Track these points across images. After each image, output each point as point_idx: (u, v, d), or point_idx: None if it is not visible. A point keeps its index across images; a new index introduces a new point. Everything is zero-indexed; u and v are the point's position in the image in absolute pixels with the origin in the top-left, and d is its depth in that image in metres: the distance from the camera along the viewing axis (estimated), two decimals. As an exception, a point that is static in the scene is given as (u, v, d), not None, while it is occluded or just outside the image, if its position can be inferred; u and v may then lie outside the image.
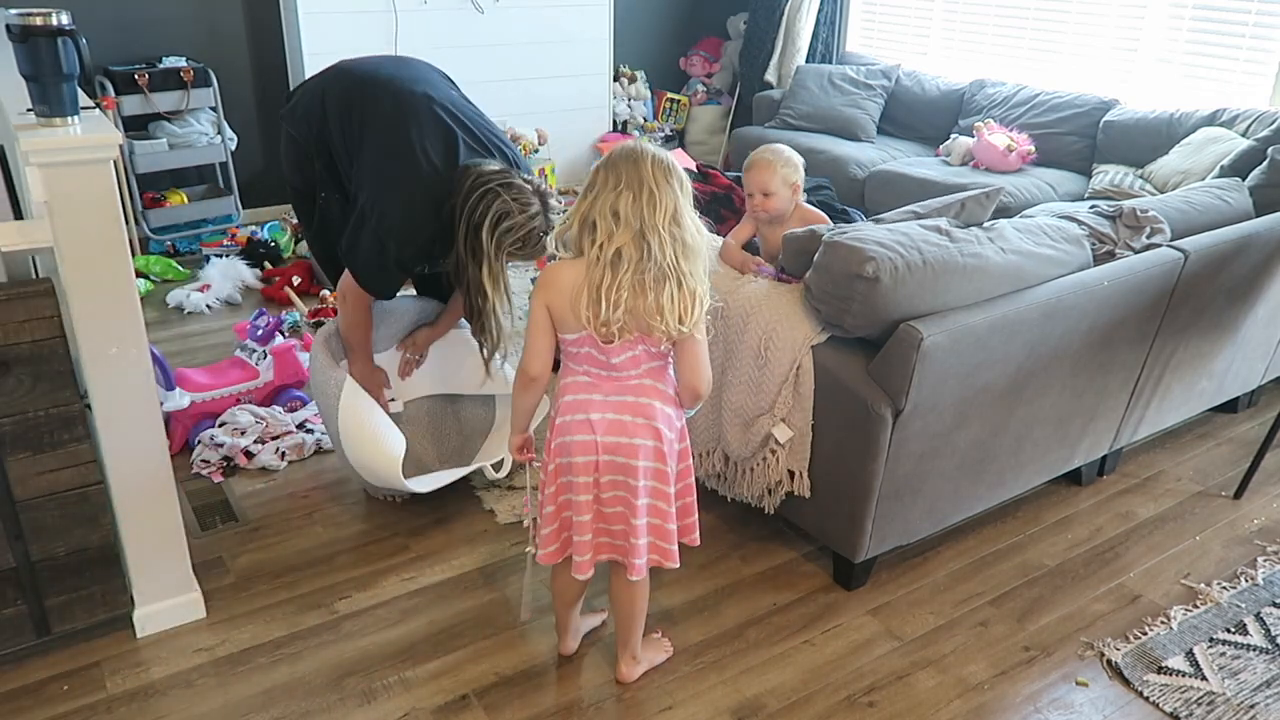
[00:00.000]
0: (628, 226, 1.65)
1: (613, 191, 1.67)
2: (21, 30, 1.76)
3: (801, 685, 2.08)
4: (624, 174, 1.67)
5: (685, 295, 1.69)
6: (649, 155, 1.69)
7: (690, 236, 1.70)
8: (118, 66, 4.14)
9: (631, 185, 1.66)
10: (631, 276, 1.66)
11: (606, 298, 1.66)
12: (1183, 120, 3.90)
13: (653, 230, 1.65)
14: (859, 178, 4.47)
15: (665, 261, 1.66)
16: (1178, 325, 2.57)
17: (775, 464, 2.29)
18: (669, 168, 1.70)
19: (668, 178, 1.69)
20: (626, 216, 1.65)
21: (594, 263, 1.67)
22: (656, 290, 1.68)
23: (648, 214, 1.65)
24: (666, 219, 1.67)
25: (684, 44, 6.00)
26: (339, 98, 2.41)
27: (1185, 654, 2.17)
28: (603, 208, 1.66)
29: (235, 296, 3.96)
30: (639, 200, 1.65)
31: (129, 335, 1.91)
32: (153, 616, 2.15)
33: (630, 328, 1.71)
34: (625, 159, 1.69)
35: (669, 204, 1.67)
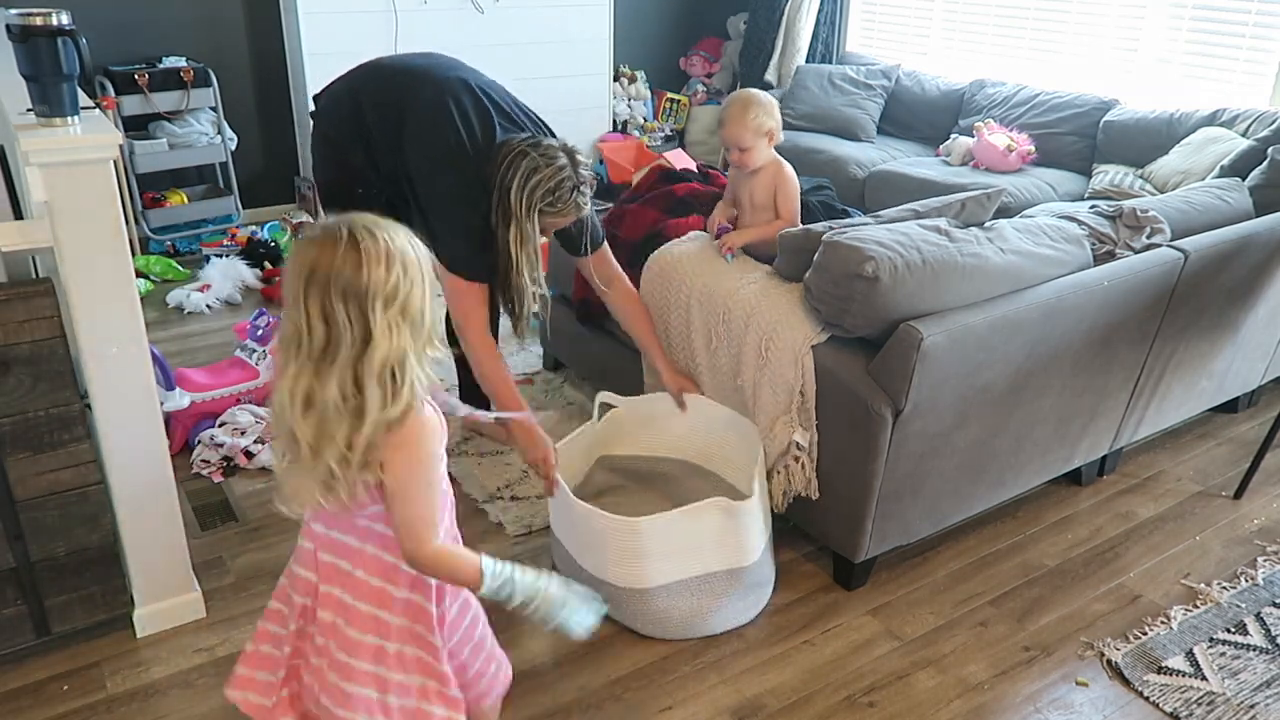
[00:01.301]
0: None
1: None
2: (21, 30, 1.76)
3: (801, 685, 2.08)
4: (287, 279, 1.31)
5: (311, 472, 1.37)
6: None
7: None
8: (118, 66, 4.14)
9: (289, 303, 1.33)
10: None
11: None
12: (1183, 120, 3.90)
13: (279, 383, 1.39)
14: (859, 178, 4.47)
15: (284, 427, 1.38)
16: (1178, 325, 2.57)
17: (799, 471, 2.27)
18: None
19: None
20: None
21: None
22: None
23: (289, 355, 1.37)
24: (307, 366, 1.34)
25: (684, 44, 6.00)
26: (375, 92, 2.40)
27: (1185, 654, 2.17)
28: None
29: (235, 296, 3.96)
30: (284, 334, 1.38)
31: (129, 335, 1.91)
32: (153, 616, 2.15)
33: None
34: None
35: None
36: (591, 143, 5.41)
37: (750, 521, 2.14)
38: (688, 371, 2.55)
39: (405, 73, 2.41)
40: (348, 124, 2.41)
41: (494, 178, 2.20)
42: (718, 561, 2.12)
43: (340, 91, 2.48)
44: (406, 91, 2.35)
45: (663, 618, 2.13)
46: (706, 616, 2.15)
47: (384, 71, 2.46)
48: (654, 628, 2.15)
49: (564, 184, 2.18)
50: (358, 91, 2.43)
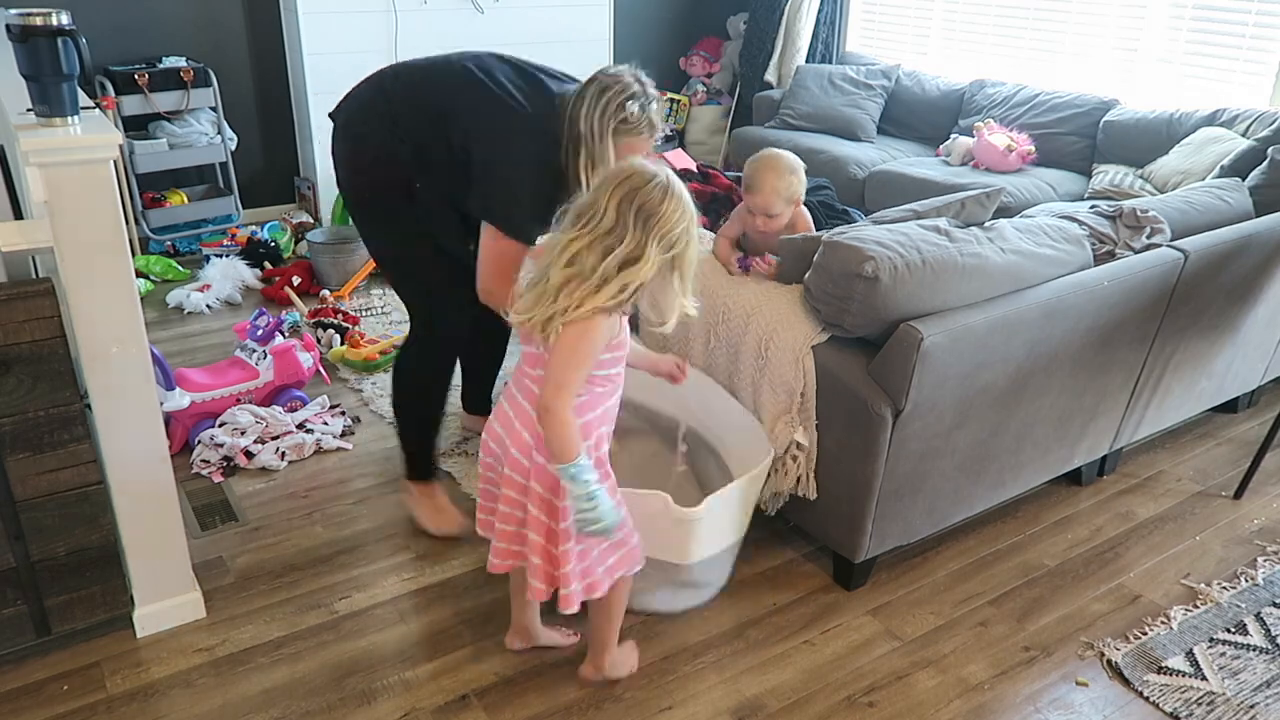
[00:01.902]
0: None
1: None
2: (21, 30, 1.76)
3: (801, 685, 2.08)
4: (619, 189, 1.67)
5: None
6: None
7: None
8: (118, 66, 4.14)
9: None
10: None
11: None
12: (1183, 120, 3.90)
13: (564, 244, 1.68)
14: (859, 178, 4.47)
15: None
16: (1178, 325, 2.57)
17: (795, 468, 2.27)
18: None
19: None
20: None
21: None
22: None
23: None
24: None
25: (684, 44, 6.00)
26: (405, 88, 2.30)
27: (1185, 654, 2.17)
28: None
29: (235, 296, 3.96)
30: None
31: (129, 335, 1.91)
32: (153, 616, 2.15)
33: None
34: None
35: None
36: (591, 143, 5.40)
37: (695, 529, 2.06)
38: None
39: (438, 62, 2.33)
40: (381, 121, 2.28)
41: (563, 121, 2.16)
42: (656, 549, 2.04)
43: (365, 95, 2.35)
44: (444, 75, 2.28)
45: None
46: (635, 594, 2.08)
47: (408, 66, 2.36)
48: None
49: (634, 97, 2.13)
50: (386, 90, 2.31)
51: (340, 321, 3.63)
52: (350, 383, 3.31)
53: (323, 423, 3.01)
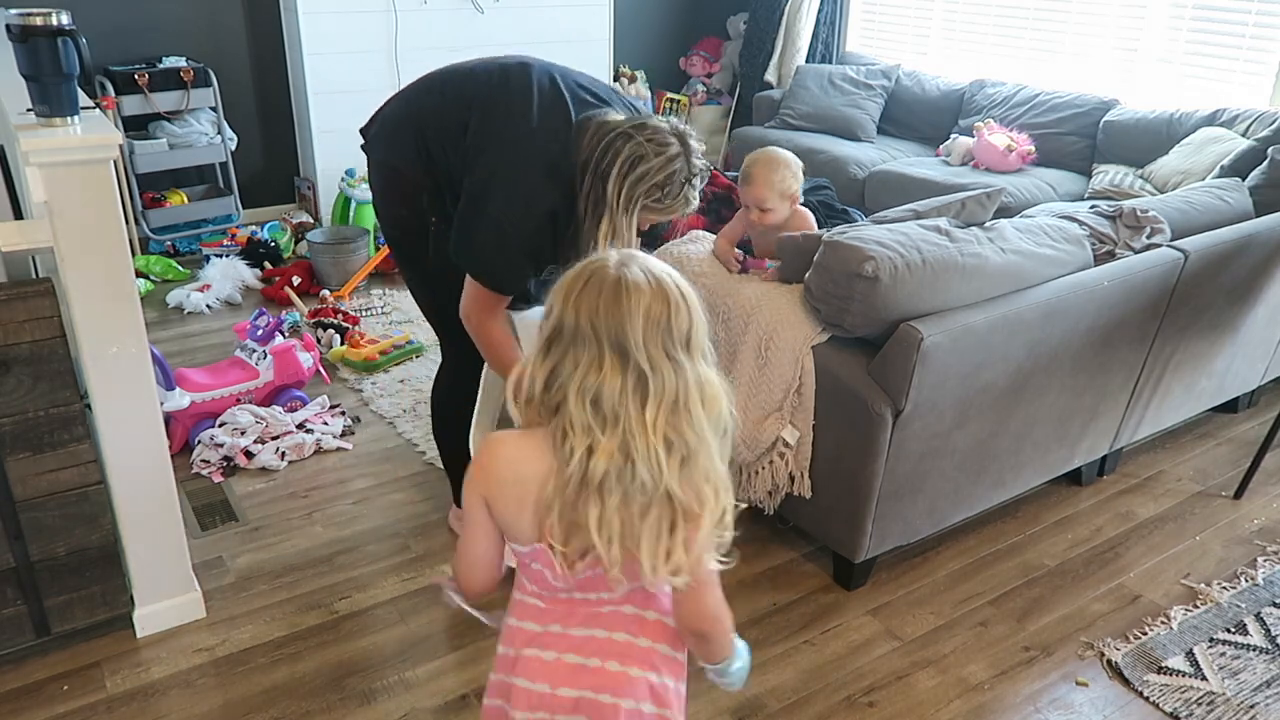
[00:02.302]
0: (614, 425, 1.13)
1: (591, 358, 1.13)
2: (21, 30, 1.76)
3: (801, 685, 2.08)
4: (603, 329, 1.12)
5: (678, 529, 1.16)
6: (643, 292, 1.13)
7: (701, 425, 1.16)
8: (118, 66, 4.14)
9: (616, 351, 1.12)
10: (622, 503, 1.14)
11: (599, 533, 1.14)
12: (1183, 120, 3.90)
13: (640, 430, 1.12)
14: (859, 178, 4.47)
15: (655, 482, 1.13)
16: (1178, 325, 2.57)
17: (783, 466, 2.28)
18: (678, 303, 1.15)
19: (674, 330, 1.14)
20: (613, 407, 1.12)
21: (564, 466, 1.14)
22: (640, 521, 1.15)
23: (634, 408, 1.13)
24: (664, 410, 1.13)
25: (684, 44, 6.00)
26: (431, 104, 2.11)
27: (1185, 654, 2.17)
28: (579, 381, 1.13)
29: (235, 296, 3.96)
30: (624, 385, 1.12)
31: (129, 335, 1.91)
32: (153, 616, 2.15)
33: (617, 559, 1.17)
34: (602, 295, 1.13)
35: (675, 385, 1.14)
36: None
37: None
38: None
39: (462, 71, 2.14)
40: (406, 148, 2.10)
41: (583, 163, 1.90)
42: None
43: (394, 113, 2.19)
44: (469, 85, 2.07)
45: None
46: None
47: (436, 79, 2.16)
48: None
49: (674, 177, 1.88)
50: (412, 107, 2.14)
51: (340, 321, 3.63)
52: (350, 383, 3.31)
53: (323, 423, 3.01)
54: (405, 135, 2.10)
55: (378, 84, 4.36)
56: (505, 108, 1.99)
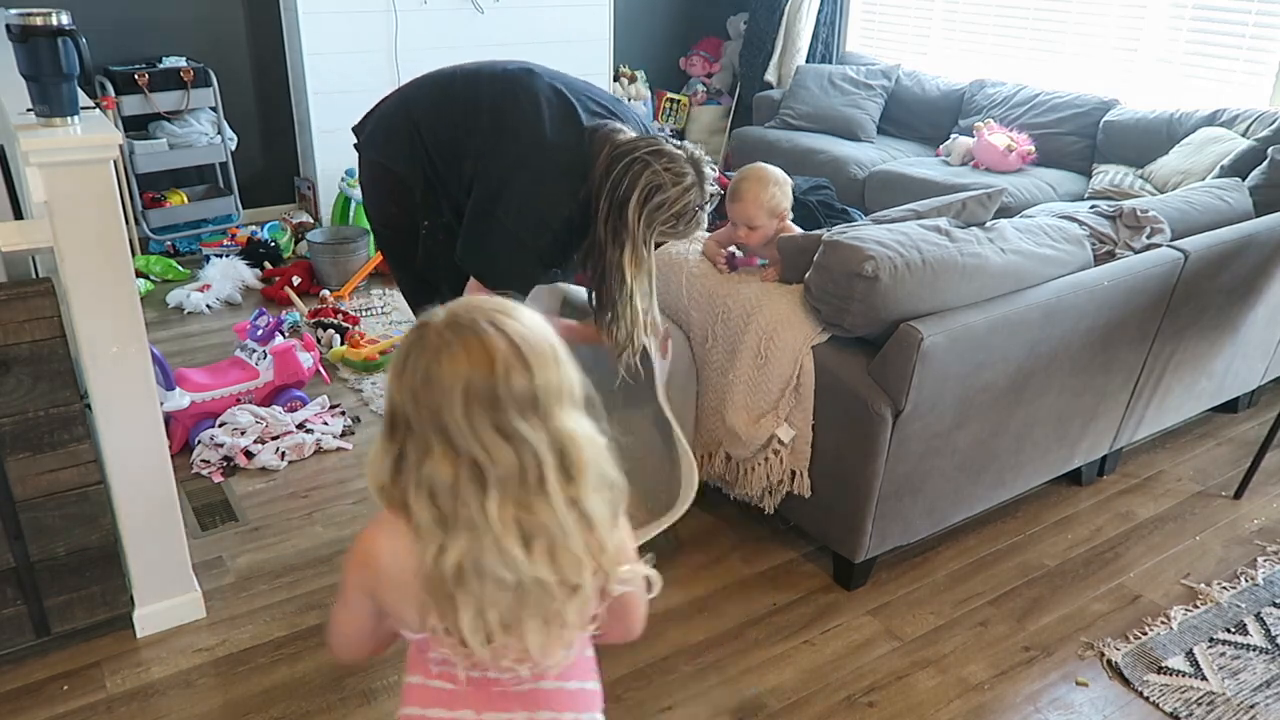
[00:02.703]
0: (454, 522, 1.01)
1: (421, 447, 1.00)
2: (21, 30, 1.76)
3: (801, 685, 2.08)
4: (424, 413, 0.99)
5: (563, 608, 1.06)
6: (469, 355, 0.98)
7: (560, 503, 1.02)
8: (118, 66, 4.14)
9: (440, 437, 0.99)
10: (493, 595, 1.03)
11: (471, 634, 1.04)
12: (1183, 120, 3.90)
13: (485, 526, 1.00)
14: (859, 178, 4.47)
15: (516, 576, 1.02)
16: (1178, 325, 2.57)
17: (779, 464, 2.29)
18: (509, 364, 0.98)
19: (507, 399, 0.98)
20: (450, 503, 1.00)
21: (424, 564, 1.03)
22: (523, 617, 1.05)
23: (472, 501, 1.00)
24: (510, 499, 1.00)
25: (684, 44, 6.00)
26: (430, 104, 2.11)
27: (1185, 654, 2.17)
28: (415, 474, 1.01)
29: (235, 296, 3.96)
30: (458, 476, 0.99)
31: (129, 335, 1.91)
32: (153, 616, 2.15)
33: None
34: (418, 373, 0.99)
35: (518, 465, 0.99)
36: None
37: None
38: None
39: (460, 75, 2.13)
40: (402, 147, 2.09)
41: (599, 181, 1.92)
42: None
43: (389, 112, 2.18)
44: (469, 91, 2.07)
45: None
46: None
47: (434, 81, 2.16)
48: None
49: (689, 206, 1.93)
50: (409, 107, 2.13)
51: (340, 321, 3.63)
52: (350, 383, 3.31)
53: (323, 423, 3.01)
54: (402, 135, 2.09)
55: (378, 84, 4.35)
56: (516, 117, 1.99)
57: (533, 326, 1.02)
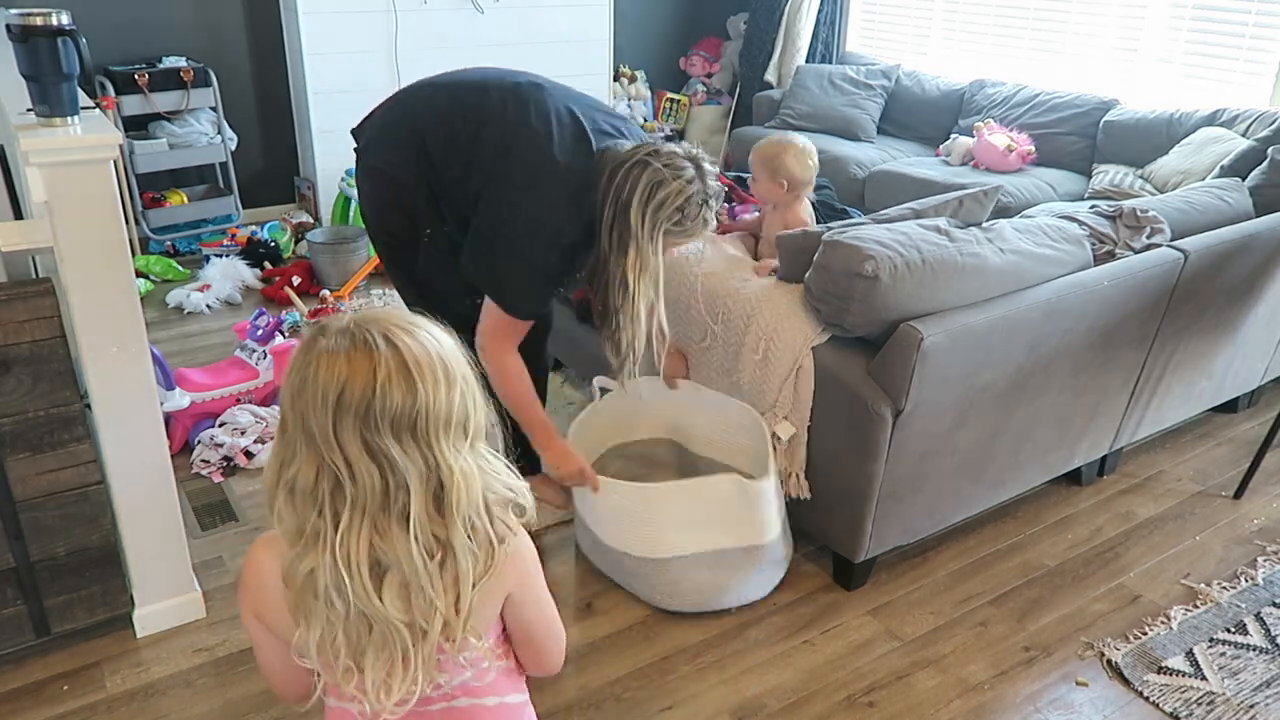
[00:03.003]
0: (312, 534, 0.98)
1: (292, 450, 0.99)
2: (21, 30, 1.76)
3: (801, 685, 2.08)
4: (297, 415, 0.97)
5: (410, 652, 1.01)
6: (325, 357, 0.96)
7: (411, 547, 0.97)
8: (118, 66, 4.14)
9: (308, 443, 0.97)
10: (343, 621, 1.00)
11: (317, 653, 1.01)
12: (1183, 120, 3.90)
13: (337, 544, 0.97)
14: (859, 178, 4.47)
15: (359, 606, 0.98)
16: (1178, 325, 2.57)
17: (779, 461, 2.29)
18: (390, 379, 0.95)
19: (381, 414, 0.95)
20: (309, 513, 0.99)
21: (285, 565, 1.00)
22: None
23: (329, 515, 0.97)
24: (366, 523, 0.97)
25: (684, 44, 6.00)
26: (435, 112, 2.07)
27: (1185, 654, 2.17)
28: (289, 476, 0.99)
29: (235, 296, 3.96)
30: (319, 485, 0.97)
31: (129, 335, 1.91)
32: (153, 616, 2.15)
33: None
34: (297, 372, 0.97)
35: (380, 489, 0.96)
36: (591, 143, 5.40)
37: (765, 500, 2.16)
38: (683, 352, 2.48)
39: (468, 85, 2.09)
40: (405, 153, 2.05)
41: (602, 195, 1.91)
42: (734, 538, 2.16)
43: (391, 118, 2.14)
44: (477, 102, 2.03)
45: (675, 589, 2.18)
46: (724, 590, 2.19)
47: (439, 88, 2.11)
48: (670, 600, 2.20)
49: (692, 199, 1.89)
50: (414, 113, 2.09)
51: (340, 321, 3.63)
52: (350, 383, 3.30)
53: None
54: (405, 141, 2.06)
55: (378, 84, 4.36)
56: (528, 137, 1.96)
57: (433, 346, 0.97)
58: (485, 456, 1.03)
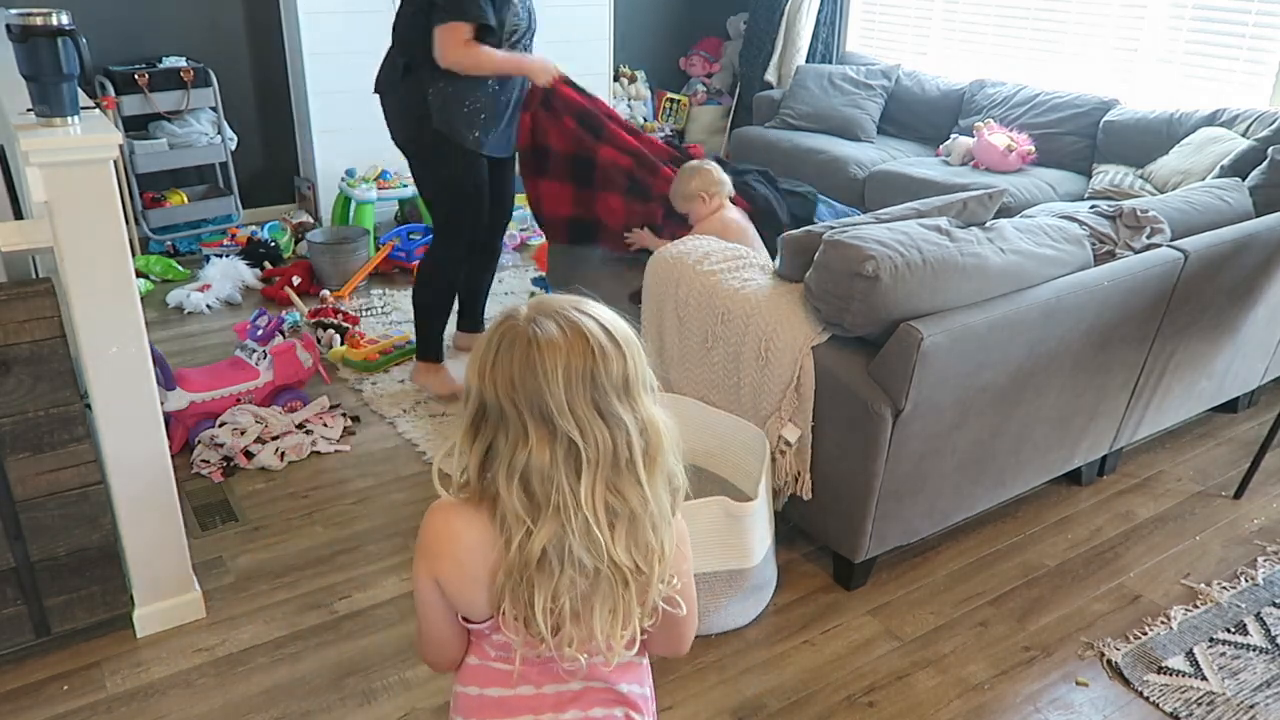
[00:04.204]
0: (546, 505, 1.06)
1: (516, 434, 1.05)
2: (21, 30, 1.76)
3: (801, 685, 2.08)
4: (522, 400, 1.03)
5: (629, 594, 1.10)
6: (558, 343, 1.03)
7: (644, 480, 1.08)
8: (118, 66, 4.14)
9: (539, 421, 1.04)
10: (569, 581, 1.08)
11: (543, 618, 1.09)
12: (1183, 120, 3.90)
13: (575, 506, 1.05)
14: (859, 178, 4.46)
15: (597, 556, 1.07)
16: (1178, 325, 2.57)
17: (787, 465, 2.28)
18: (602, 350, 1.04)
19: (603, 381, 1.04)
20: (544, 486, 1.05)
21: (506, 551, 1.08)
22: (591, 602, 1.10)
23: (567, 482, 1.05)
24: (602, 477, 1.05)
25: (684, 44, 6.00)
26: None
27: (1185, 654, 2.17)
28: (508, 462, 1.06)
29: (235, 296, 3.96)
30: (554, 457, 1.04)
31: (129, 335, 1.91)
32: (153, 616, 2.15)
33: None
34: (515, 362, 1.04)
35: (612, 445, 1.05)
36: (591, 143, 5.40)
37: (753, 524, 2.14)
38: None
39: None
40: (390, 61, 2.91)
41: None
42: (718, 561, 2.12)
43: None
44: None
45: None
46: (704, 616, 2.15)
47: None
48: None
49: None
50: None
51: (340, 321, 3.63)
52: (350, 383, 3.31)
53: (322, 424, 3.01)
54: (388, 58, 2.92)
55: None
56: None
57: (611, 316, 1.09)
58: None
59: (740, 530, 2.12)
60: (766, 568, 2.25)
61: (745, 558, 2.15)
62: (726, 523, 2.10)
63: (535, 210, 3.22)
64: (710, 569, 2.13)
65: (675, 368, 2.55)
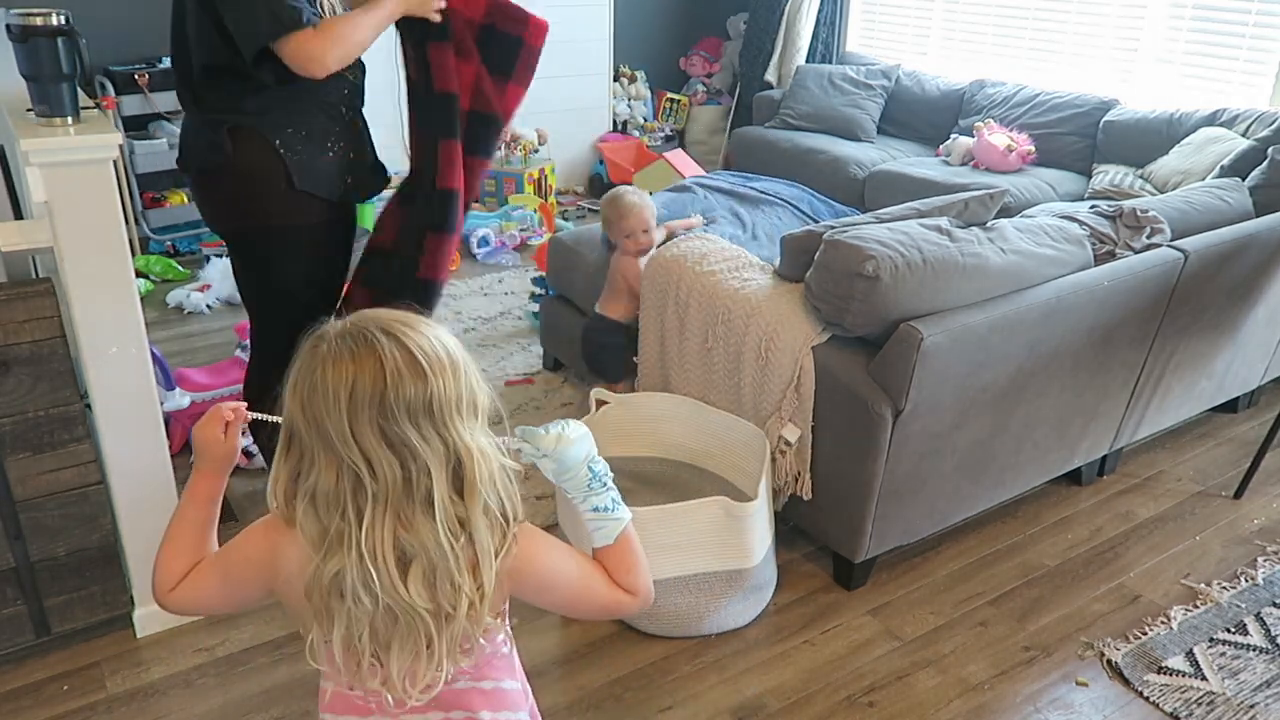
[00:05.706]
0: (336, 535, 1.00)
1: (310, 458, 1.01)
2: (21, 30, 1.76)
3: (801, 685, 2.08)
4: (311, 422, 0.99)
5: (435, 638, 1.04)
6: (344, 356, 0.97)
7: (439, 529, 1.00)
8: (118, 66, 4.14)
9: (324, 447, 0.99)
10: (367, 613, 1.02)
11: (342, 651, 1.05)
12: (1183, 120, 3.90)
13: (359, 541, 0.99)
14: (859, 178, 4.47)
15: (387, 598, 1.01)
16: (1178, 325, 2.57)
17: (787, 465, 2.28)
18: (398, 370, 0.97)
19: (395, 404, 0.97)
20: (330, 515, 1.01)
21: (309, 573, 1.03)
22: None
23: (352, 514, 1.00)
24: (389, 515, 1.00)
25: (684, 44, 6.00)
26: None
27: (1185, 654, 2.17)
28: (304, 486, 1.02)
29: (235, 296, 3.95)
30: (339, 487, 1.00)
31: (129, 335, 1.91)
32: (153, 616, 2.15)
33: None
34: (306, 380, 0.99)
35: (400, 480, 0.99)
36: (591, 143, 5.40)
37: (753, 524, 2.14)
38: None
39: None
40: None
41: None
42: (718, 561, 2.12)
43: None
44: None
45: (657, 612, 2.14)
46: (703, 616, 2.15)
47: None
48: (648, 622, 2.16)
49: None
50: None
51: (340, 321, 3.63)
52: (350, 383, 3.30)
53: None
54: (190, 127, 2.19)
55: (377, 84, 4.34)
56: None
57: (430, 334, 1.00)
58: (491, 435, 1.06)
59: (740, 530, 2.12)
60: (766, 568, 2.25)
61: (745, 558, 2.15)
62: (726, 523, 2.10)
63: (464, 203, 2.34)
64: (710, 569, 2.13)
65: (675, 368, 2.55)
